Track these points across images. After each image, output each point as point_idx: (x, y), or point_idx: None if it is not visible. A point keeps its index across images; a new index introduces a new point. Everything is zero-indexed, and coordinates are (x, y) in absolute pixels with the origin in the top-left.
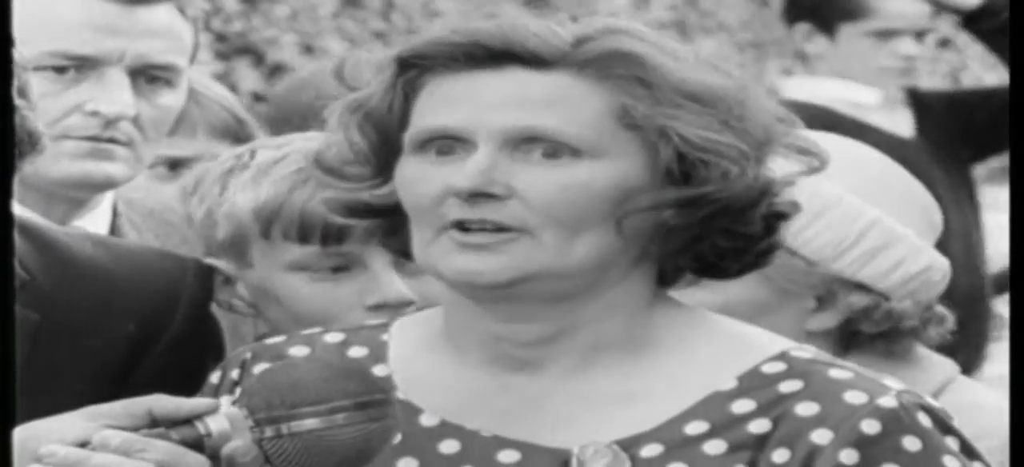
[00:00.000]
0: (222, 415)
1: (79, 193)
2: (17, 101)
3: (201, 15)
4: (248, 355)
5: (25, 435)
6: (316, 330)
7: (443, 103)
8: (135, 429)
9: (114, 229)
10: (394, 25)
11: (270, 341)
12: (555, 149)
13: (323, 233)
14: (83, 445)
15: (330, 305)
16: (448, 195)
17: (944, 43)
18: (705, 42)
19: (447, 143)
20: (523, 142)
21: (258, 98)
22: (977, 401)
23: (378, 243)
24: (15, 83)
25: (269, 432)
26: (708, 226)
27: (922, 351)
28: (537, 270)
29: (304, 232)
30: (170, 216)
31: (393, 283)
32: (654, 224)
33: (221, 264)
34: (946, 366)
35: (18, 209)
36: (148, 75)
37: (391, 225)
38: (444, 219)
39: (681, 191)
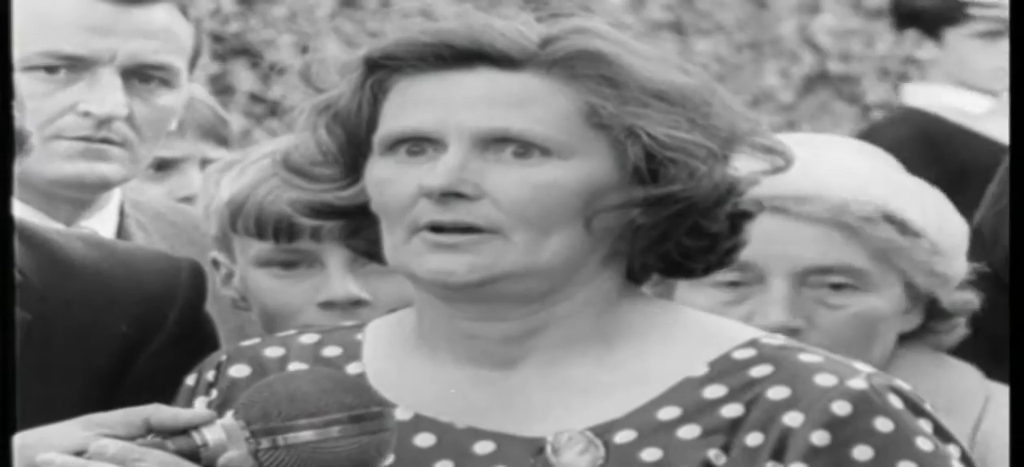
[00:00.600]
0: (219, 426)
1: (74, 193)
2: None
3: (205, 16)
4: (223, 357)
5: (22, 443)
6: (291, 332)
7: (413, 104)
8: (132, 438)
9: (121, 230)
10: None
11: (245, 343)
12: (525, 149)
13: (275, 229)
14: (80, 453)
15: (287, 301)
16: (420, 196)
17: None
18: (701, 43)
19: (418, 144)
20: (493, 142)
21: (255, 99)
22: None
23: (342, 243)
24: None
25: (265, 444)
26: (675, 225)
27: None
28: (508, 270)
29: (260, 227)
30: (177, 218)
31: (344, 282)
32: (623, 223)
33: (221, 258)
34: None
35: (17, 209)
36: (142, 75)
37: (355, 226)
38: (417, 221)
39: (649, 190)
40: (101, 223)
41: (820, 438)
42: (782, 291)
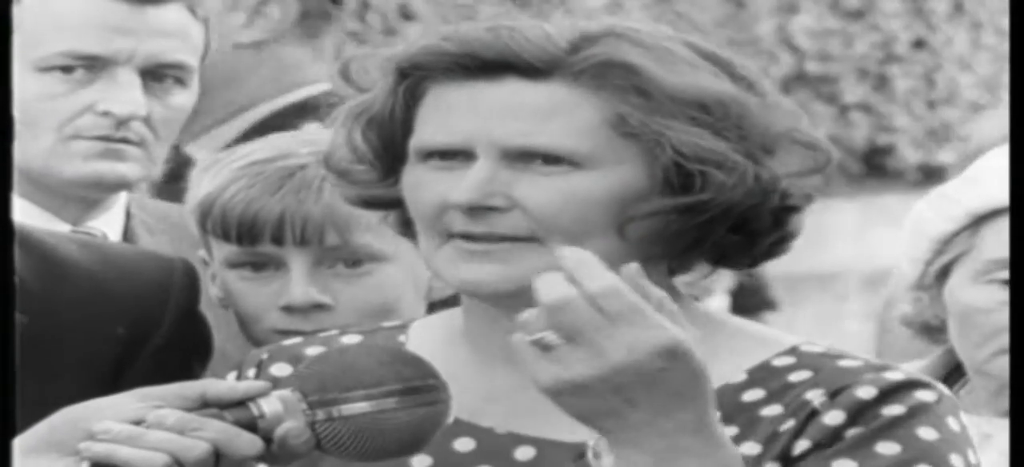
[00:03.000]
0: (275, 397)
1: (91, 193)
2: None
3: (212, 15)
4: (265, 355)
5: (77, 415)
6: (333, 332)
7: (443, 115)
8: (187, 411)
9: (127, 232)
10: (370, 25)
11: (287, 342)
12: (553, 161)
13: (238, 232)
14: (137, 424)
15: (254, 303)
16: (449, 208)
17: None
18: None
19: (449, 154)
20: (521, 155)
21: None
22: None
23: (397, 233)
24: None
25: (321, 415)
26: (711, 229)
27: None
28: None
29: (225, 229)
30: (185, 220)
31: (304, 286)
32: (658, 228)
33: (206, 256)
34: None
35: (23, 209)
36: (158, 75)
37: (405, 215)
38: (449, 228)
39: (678, 198)
40: (107, 224)
41: (835, 417)
42: None
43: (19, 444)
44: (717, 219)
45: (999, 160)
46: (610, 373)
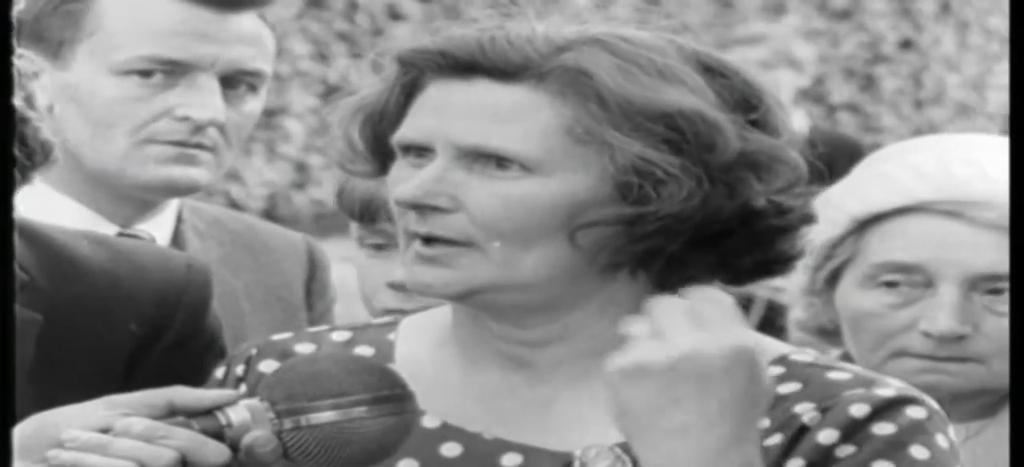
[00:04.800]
0: (243, 406)
1: (161, 197)
2: (28, 112)
3: (278, 22)
4: (253, 351)
5: (45, 421)
6: (322, 328)
7: (418, 111)
8: (155, 419)
9: (177, 235)
10: (358, 26)
11: (276, 337)
12: (504, 163)
13: (360, 211)
14: (104, 432)
15: (371, 282)
16: (400, 205)
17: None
18: None
19: (420, 151)
20: (478, 155)
21: None
22: None
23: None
24: (21, 93)
25: (288, 424)
26: (667, 241)
27: None
28: (484, 283)
29: (350, 208)
30: (236, 225)
31: None
32: (609, 238)
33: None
34: None
35: (74, 210)
36: (235, 81)
37: None
38: (407, 228)
39: (623, 209)
40: (157, 227)
41: (828, 436)
42: (952, 297)
43: None
44: (668, 232)
45: (879, 164)
46: (674, 360)
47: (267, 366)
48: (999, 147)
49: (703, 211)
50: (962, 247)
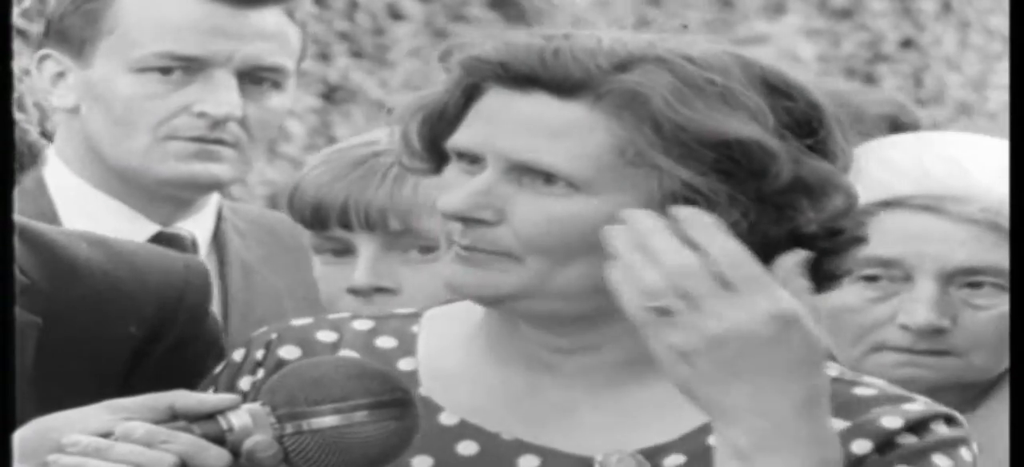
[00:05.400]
0: (244, 410)
1: (185, 193)
2: (16, 115)
3: (309, 18)
4: (273, 336)
5: (46, 426)
6: (345, 315)
7: (474, 119)
8: (156, 423)
9: (218, 234)
10: (359, 25)
11: (297, 323)
12: (553, 180)
13: (310, 216)
14: (105, 436)
15: (328, 288)
16: (444, 215)
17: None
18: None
19: (473, 158)
20: (527, 170)
21: None
22: None
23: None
24: (13, 95)
25: (290, 428)
26: None
27: None
28: (514, 291)
29: (301, 214)
30: (276, 224)
31: (367, 270)
32: None
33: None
34: None
35: (113, 209)
36: (255, 77)
37: None
38: (450, 233)
39: None
40: (197, 225)
41: (860, 447)
42: (930, 291)
43: None
44: None
45: (857, 161)
46: (717, 339)
47: (288, 352)
48: (976, 144)
49: (751, 236)
50: (939, 241)
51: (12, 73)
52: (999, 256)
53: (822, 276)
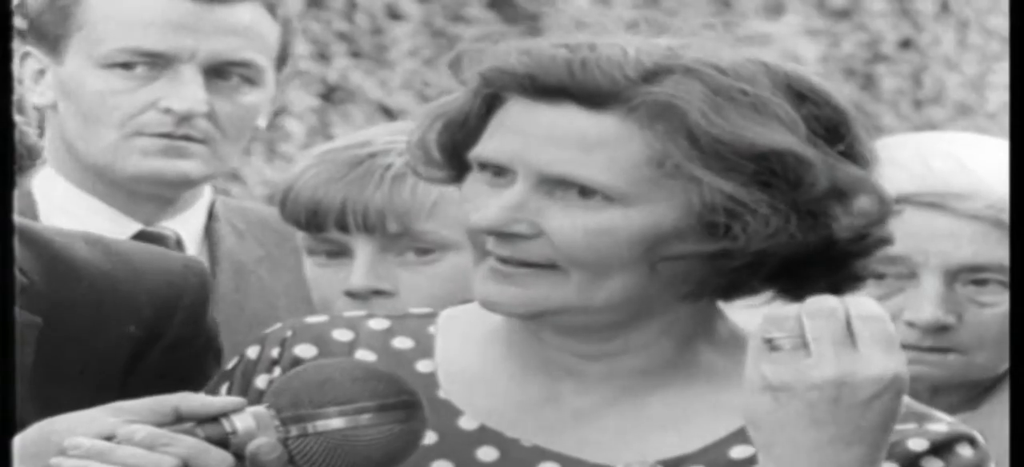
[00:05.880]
0: (248, 413)
1: (154, 190)
2: (15, 117)
3: (294, 15)
4: (289, 333)
5: (49, 428)
6: (361, 313)
7: (500, 130)
8: (160, 425)
9: (211, 233)
10: (358, 26)
11: (312, 320)
12: (589, 192)
13: (306, 219)
14: (108, 439)
15: (324, 290)
16: (478, 231)
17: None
18: (665, 42)
19: (500, 170)
20: (560, 183)
21: None
22: None
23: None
24: (13, 97)
25: (294, 431)
26: (750, 274)
27: None
28: (558, 306)
29: (294, 216)
30: (281, 225)
31: (364, 272)
32: (689, 269)
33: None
34: None
35: (95, 207)
36: (224, 73)
37: None
38: (484, 246)
39: (706, 244)
40: (183, 224)
41: None
42: (935, 287)
43: None
44: (751, 266)
45: None
46: (821, 384)
47: (303, 350)
48: (977, 142)
49: (789, 246)
50: (944, 238)
51: (12, 73)
52: (1003, 253)
53: (848, 278)
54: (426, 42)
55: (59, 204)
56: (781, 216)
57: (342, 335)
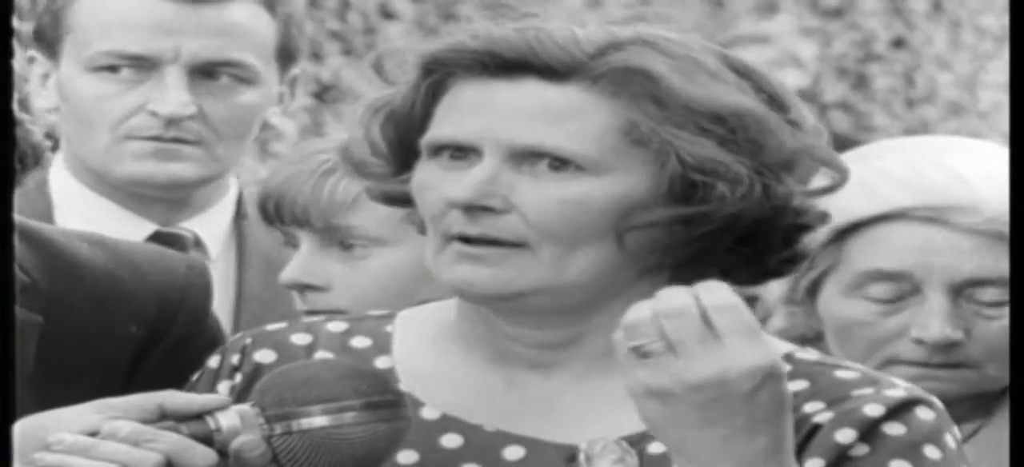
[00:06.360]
0: (233, 411)
1: (148, 192)
2: (20, 114)
3: (296, 13)
4: (248, 341)
5: (35, 424)
6: (319, 318)
7: (458, 111)
8: (146, 422)
9: (239, 232)
10: (351, 25)
11: (271, 327)
12: (560, 163)
13: (261, 212)
14: (93, 435)
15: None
16: (450, 207)
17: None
18: None
19: (460, 151)
20: (529, 155)
21: None
22: None
23: (417, 232)
24: (16, 95)
25: (279, 428)
26: (713, 242)
27: None
28: (531, 286)
29: (263, 211)
30: None
31: (296, 265)
32: (658, 238)
33: None
34: None
35: (108, 210)
36: (213, 73)
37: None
38: (448, 229)
39: (678, 209)
40: (203, 224)
41: (845, 436)
42: (941, 304)
43: None
44: (719, 232)
45: (854, 169)
46: (697, 385)
47: (263, 356)
48: (968, 150)
49: (755, 210)
50: (946, 253)
51: (13, 73)
52: (1006, 265)
53: (792, 257)
54: (419, 41)
55: (75, 205)
56: (746, 179)
57: (300, 339)
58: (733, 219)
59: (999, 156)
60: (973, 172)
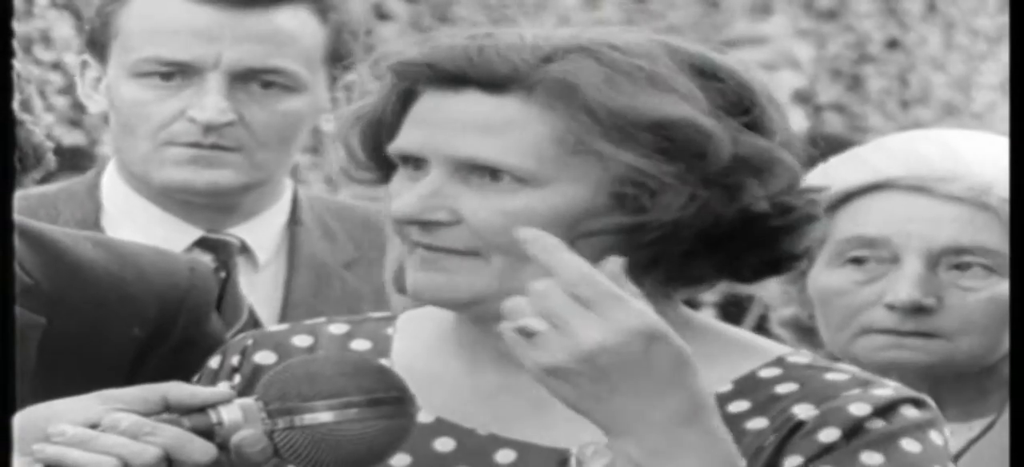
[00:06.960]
0: (236, 404)
1: (187, 198)
2: (22, 115)
3: (350, 21)
4: (249, 342)
5: (37, 414)
6: (320, 320)
7: (411, 122)
8: (148, 414)
9: (292, 238)
10: None
11: (272, 328)
12: (499, 175)
13: None
14: (94, 427)
15: None
16: (399, 220)
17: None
18: None
19: (415, 162)
20: (473, 167)
21: None
22: None
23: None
24: (18, 96)
25: (281, 423)
26: (667, 248)
27: None
28: (482, 293)
29: None
30: (379, 222)
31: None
32: (608, 247)
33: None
34: None
35: (155, 216)
36: (257, 80)
37: None
38: (408, 237)
39: (619, 218)
40: (252, 230)
41: (829, 435)
42: (915, 269)
43: None
44: (668, 239)
45: (852, 151)
46: (587, 356)
47: (263, 357)
48: (968, 135)
49: (702, 217)
50: (926, 221)
51: (13, 72)
52: (987, 237)
53: (780, 256)
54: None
55: (123, 210)
56: (689, 188)
57: (301, 341)
58: (676, 226)
59: (1000, 141)
60: (963, 147)
